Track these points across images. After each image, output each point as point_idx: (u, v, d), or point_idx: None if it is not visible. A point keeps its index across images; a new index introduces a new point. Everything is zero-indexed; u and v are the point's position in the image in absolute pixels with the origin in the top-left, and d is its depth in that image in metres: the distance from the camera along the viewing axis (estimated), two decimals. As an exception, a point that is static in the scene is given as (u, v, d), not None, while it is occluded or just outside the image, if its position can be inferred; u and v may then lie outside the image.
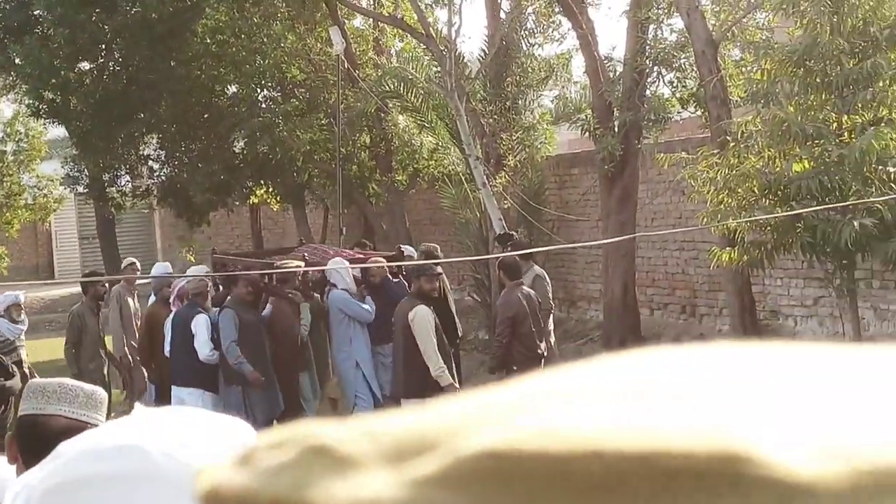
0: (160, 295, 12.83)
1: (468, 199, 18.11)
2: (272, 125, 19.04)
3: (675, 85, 16.47)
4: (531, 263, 12.69)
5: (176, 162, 21.71)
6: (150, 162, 22.26)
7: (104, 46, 20.45)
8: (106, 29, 19.79)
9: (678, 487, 0.46)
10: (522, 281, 11.54)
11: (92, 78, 20.59)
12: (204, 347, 11.14)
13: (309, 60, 20.00)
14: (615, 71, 16.50)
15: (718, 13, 15.44)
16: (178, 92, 19.73)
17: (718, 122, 13.38)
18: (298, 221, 22.86)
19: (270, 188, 21.84)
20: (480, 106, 17.74)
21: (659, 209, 17.42)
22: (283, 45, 19.60)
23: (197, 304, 11.46)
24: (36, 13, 20.39)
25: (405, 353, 10.61)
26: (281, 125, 19.05)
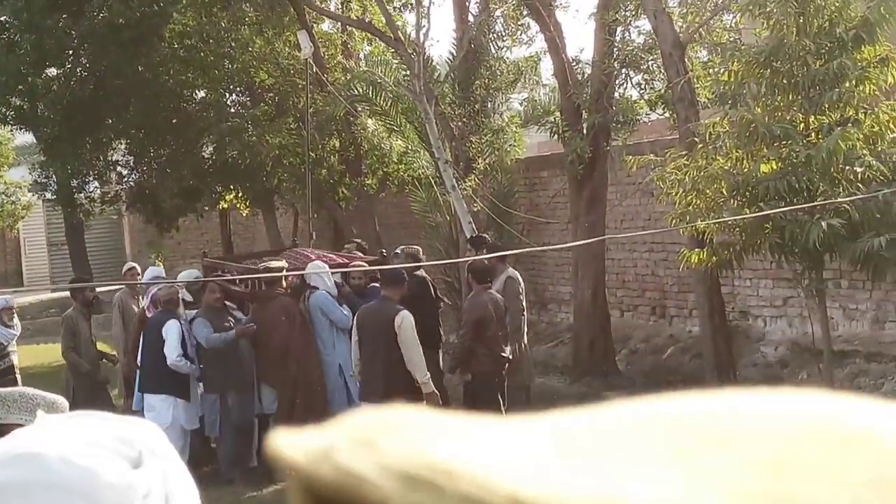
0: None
1: (438, 202, 18.11)
2: (241, 130, 18.98)
3: (643, 87, 16.48)
4: (505, 265, 12.73)
5: (145, 167, 21.61)
6: (118, 167, 22.12)
7: (71, 52, 20.33)
8: (73, 34, 19.67)
9: None
10: (491, 285, 11.56)
11: (59, 84, 20.46)
12: (172, 353, 11.07)
13: (277, 65, 19.96)
14: (583, 73, 16.51)
15: (685, 15, 15.49)
16: (146, 97, 19.62)
17: (686, 123, 13.40)
18: (268, 226, 22.82)
19: (240, 193, 21.76)
20: (449, 109, 17.72)
21: (628, 211, 17.47)
22: (251, 49, 19.56)
23: (169, 310, 11.42)
24: (2, 19, 20.22)
25: (387, 357, 10.27)
26: (250, 130, 18.99)
